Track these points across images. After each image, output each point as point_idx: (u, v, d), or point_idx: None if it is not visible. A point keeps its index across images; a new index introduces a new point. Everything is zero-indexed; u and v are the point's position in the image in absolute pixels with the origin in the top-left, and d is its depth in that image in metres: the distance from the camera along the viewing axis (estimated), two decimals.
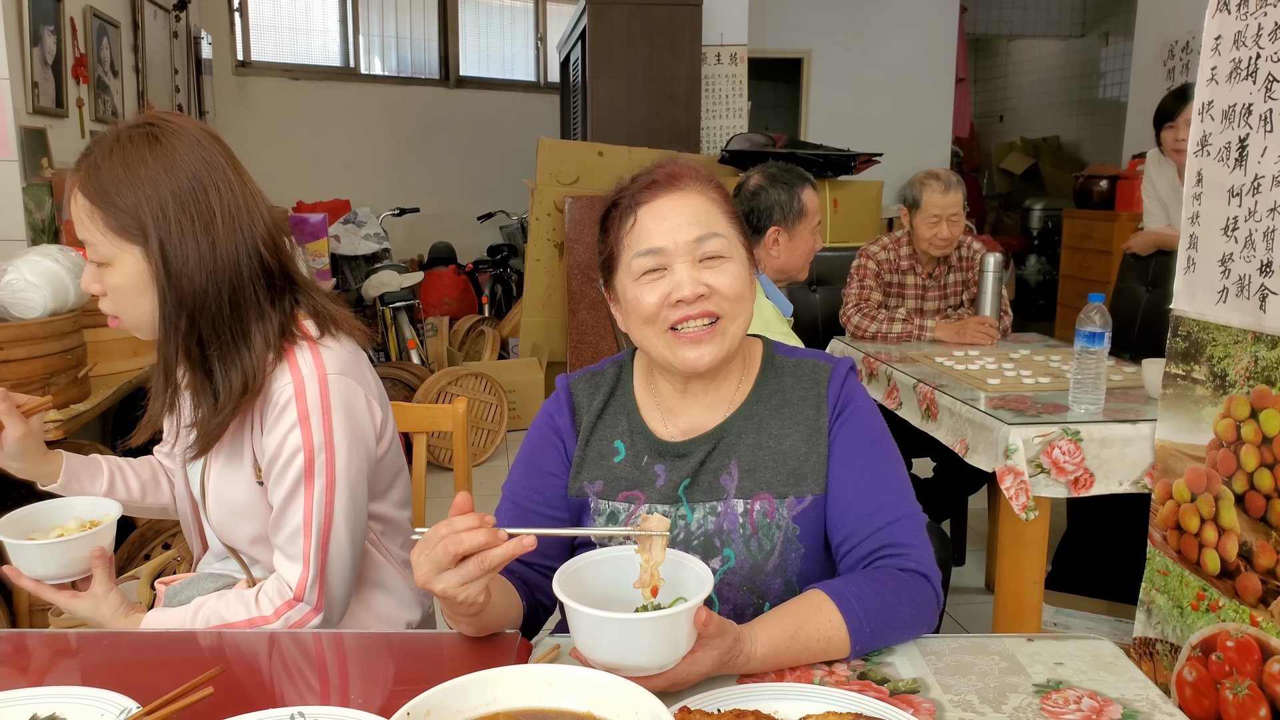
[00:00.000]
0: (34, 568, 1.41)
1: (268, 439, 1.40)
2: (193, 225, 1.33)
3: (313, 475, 1.39)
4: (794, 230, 2.62)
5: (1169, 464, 2.06)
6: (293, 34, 7.83)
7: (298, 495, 1.40)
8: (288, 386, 1.39)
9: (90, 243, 1.33)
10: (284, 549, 1.42)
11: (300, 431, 1.38)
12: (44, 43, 3.49)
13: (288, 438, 1.38)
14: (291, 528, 1.41)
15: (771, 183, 2.62)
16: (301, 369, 1.39)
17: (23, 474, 1.53)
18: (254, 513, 1.46)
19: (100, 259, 1.34)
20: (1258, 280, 1.80)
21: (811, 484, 1.30)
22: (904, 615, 1.19)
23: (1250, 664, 1.82)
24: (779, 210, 2.60)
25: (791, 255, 2.64)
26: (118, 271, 1.35)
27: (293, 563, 1.41)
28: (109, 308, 1.39)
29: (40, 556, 1.41)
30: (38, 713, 1.02)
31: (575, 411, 1.40)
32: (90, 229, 1.33)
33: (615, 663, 1.01)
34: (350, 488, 1.43)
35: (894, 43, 7.87)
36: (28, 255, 2.43)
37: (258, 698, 1.09)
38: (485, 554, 1.01)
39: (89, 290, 1.38)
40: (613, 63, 5.82)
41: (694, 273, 1.26)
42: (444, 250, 7.59)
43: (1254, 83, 1.81)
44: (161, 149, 1.33)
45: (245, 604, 1.41)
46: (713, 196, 1.31)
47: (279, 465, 1.40)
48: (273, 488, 1.41)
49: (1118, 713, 1.05)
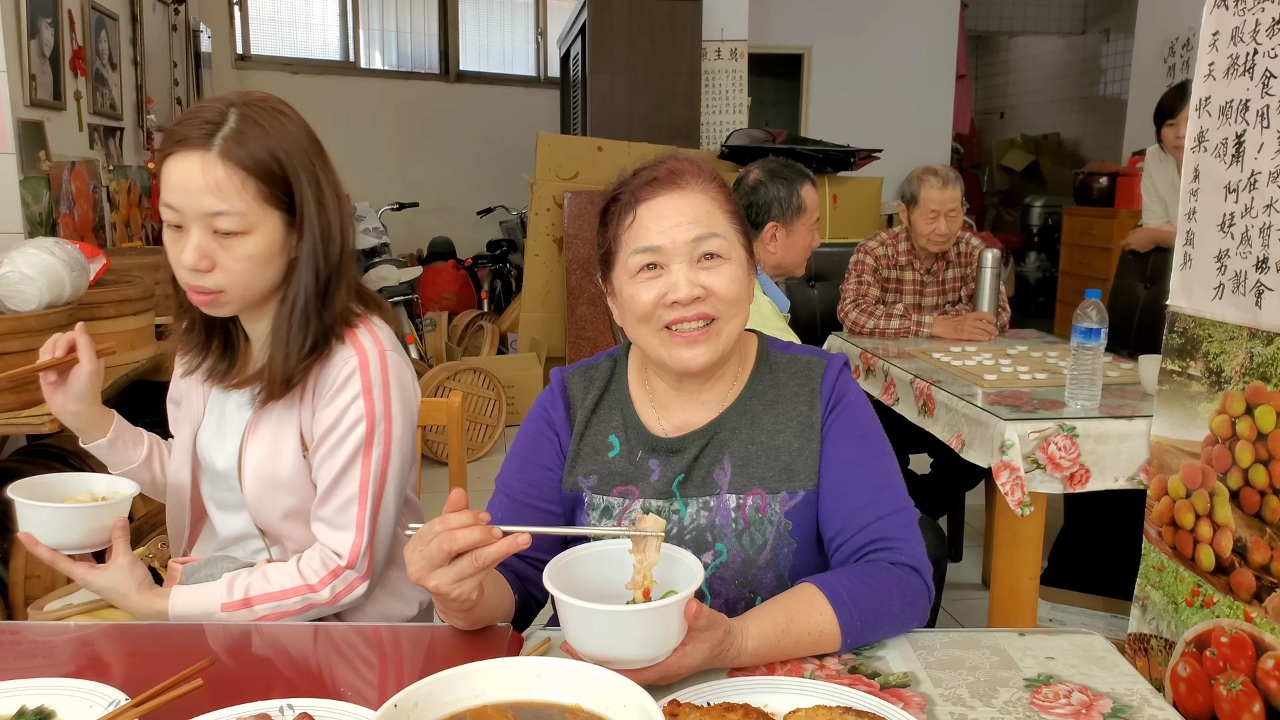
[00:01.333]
0: (53, 534, 1.33)
1: (325, 410, 1.44)
2: (322, 194, 1.41)
3: (372, 445, 1.44)
4: (792, 226, 2.61)
5: (1164, 460, 2.05)
6: (292, 28, 7.82)
7: (355, 465, 1.44)
8: (351, 359, 1.44)
9: (230, 213, 1.32)
10: (332, 520, 1.44)
11: (364, 402, 1.43)
12: (42, 35, 3.49)
13: (350, 408, 1.43)
14: (345, 497, 1.44)
15: (771, 178, 2.61)
16: (363, 343, 1.45)
17: (77, 421, 1.52)
18: (296, 486, 1.47)
19: (239, 228, 1.34)
20: (1254, 276, 1.79)
21: (804, 479, 1.30)
22: (895, 608, 1.19)
23: (1244, 660, 1.82)
24: (777, 206, 2.59)
25: (789, 251, 2.64)
26: (254, 240, 1.36)
27: (343, 531, 1.44)
28: (218, 281, 1.36)
29: (61, 522, 1.33)
30: (26, 704, 1.02)
31: (570, 405, 1.40)
32: (237, 198, 1.33)
33: (606, 655, 1.01)
34: (400, 460, 1.48)
35: (895, 39, 7.86)
36: (23, 248, 2.42)
37: (247, 690, 1.09)
38: (479, 552, 1.01)
39: (199, 266, 1.34)
40: (613, 58, 5.81)
41: (691, 274, 1.25)
42: (443, 245, 7.59)
43: (1251, 78, 1.81)
44: (289, 121, 1.39)
45: (288, 574, 1.41)
46: (714, 195, 1.30)
47: (336, 435, 1.43)
48: (326, 458, 1.44)
49: (1108, 707, 1.05)
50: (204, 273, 1.35)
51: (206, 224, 1.33)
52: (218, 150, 1.32)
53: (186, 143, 1.32)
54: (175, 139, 1.33)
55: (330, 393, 1.44)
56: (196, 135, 1.32)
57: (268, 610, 1.38)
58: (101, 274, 2.78)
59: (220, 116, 1.34)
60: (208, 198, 1.31)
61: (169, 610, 1.37)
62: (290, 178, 1.37)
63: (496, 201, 7.75)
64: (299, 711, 0.98)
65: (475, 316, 6.44)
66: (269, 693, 1.05)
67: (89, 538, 1.36)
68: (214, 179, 1.31)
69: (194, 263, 1.34)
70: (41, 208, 3.35)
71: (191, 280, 1.36)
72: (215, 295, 1.37)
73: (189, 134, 1.33)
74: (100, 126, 4.18)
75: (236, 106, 1.35)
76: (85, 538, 1.36)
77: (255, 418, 1.48)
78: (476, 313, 6.54)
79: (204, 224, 1.33)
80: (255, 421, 1.48)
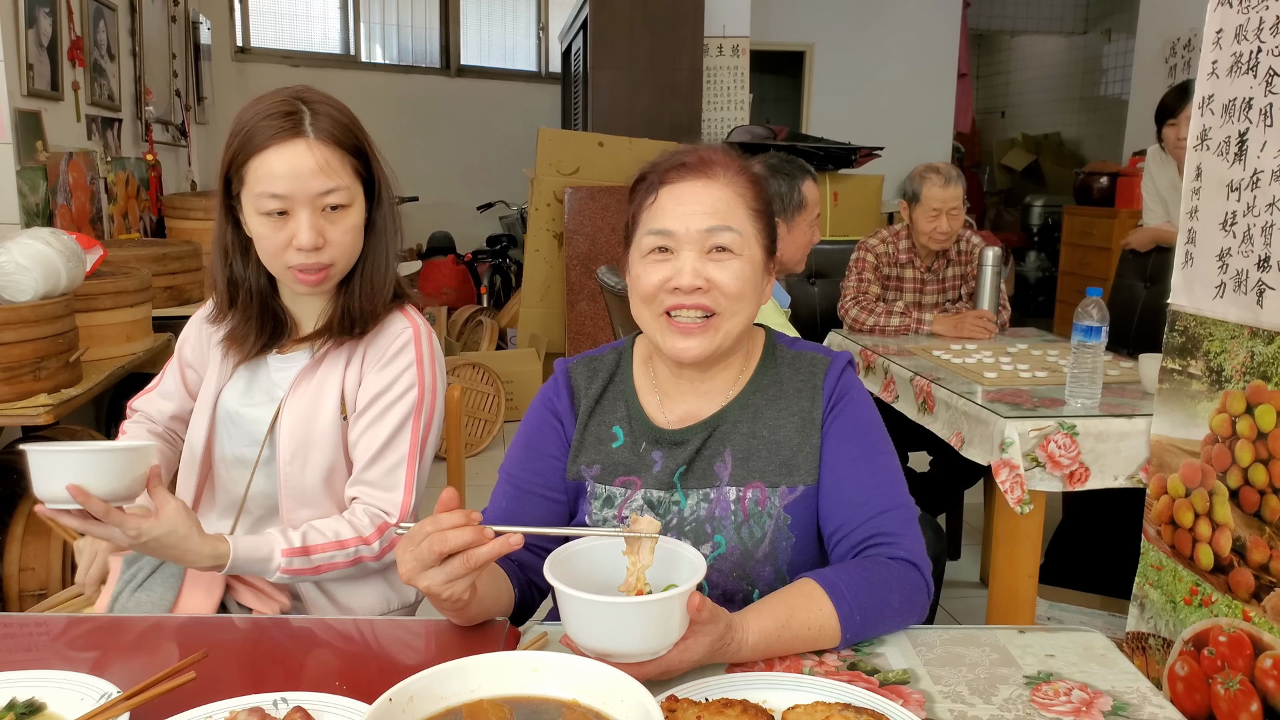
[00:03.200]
0: (102, 481, 1.24)
1: (378, 375, 1.53)
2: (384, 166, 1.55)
3: (421, 411, 1.54)
4: (793, 222, 2.60)
5: (1164, 459, 2.05)
6: (293, 20, 7.80)
7: (405, 429, 1.53)
8: (406, 330, 1.56)
9: (340, 188, 1.44)
10: (379, 482, 1.52)
11: (416, 370, 1.55)
12: (39, 25, 3.47)
13: (403, 375, 1.53)
14: (395, 459, 1.52)
15: (772, 173, 2.60)
16: (414, 318, 1.59)
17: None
18: (327, 445, 1.54)
19: (345, 201, 1.46)
20: (1255, 275, 1.79)
21: (803, 474, 1.30)
22: (894, 604, 1.19)
23: (1242, 659, 1.81)
24: (778, 201, 2.58)
25: (789, 247, 2.63)
26: (354, 212, 1.48)
27: (391, 492, 1.52)
28: (332, 256, 1.46)
29: (98, 467, 1.24)
30: (16, 696, 1.01)
31: (574, 395, 1.40)
32: (340, 174, 1.45)
33: (607, 649, 1.00)
34: (435, 430, 1.59)
35: (896, 37, 7.85)
36: (19, 238, 2.41)
37: (241, 683, 1.08)
38: (471, 553, 1.01)
39: (312, 244, 1.43)
40: (614, 53, 5.80)
41: (698, 263, 1.25)
42: (443, 240, 7.57)
43: (1254, 77, 1.80)
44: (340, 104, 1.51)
45: (341, 525, 1.47)
46: (740, 190, 1.30)
47: (387, 399, 1.53)
48: (374, 422, 1.52)
49: (1108, 704, 1.04)
50: (317, 251, 1.44)
51: (316, 204, 1.43)
52: (315, 135, 1.43)
53: (279, 135, 1.41)
54: (265, 135, 1.41)
55: (384, 359, 1.54)
56: (286, 127, 1.42)
57: (323, 560, 1.44)
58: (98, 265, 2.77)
59: (293, 107, 1.43)
60: (319, 178, 1.42)
61: (230, 552, 1.37)
62: (367, 151, 1.51)
63: (497, 196, 7.74)
64: (293, 705, 0.98)
65: (474, 312, 6.42)
66: (262, 686, 1.04)
67: (132, 486, 1.28)
68: (322, 159, 1.42)
69: (312, 242, 1.43)
70: (38, 198, 3.34)
71: (304, 260, 1.45)
72: (326, 270, 1.47)
73: (276, 127, 1.41)
74: (98, 117, 4.16)
75: (297, 98, 1.45)
76: (130, 485, 1.28)
77: (301, 376, 1.54)
78: (476, 308, 6.52)
79: (314, 205, 1.43)
80: (300, 380, 1.54)
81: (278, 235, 1.44)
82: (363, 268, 1.54)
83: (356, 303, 1.53)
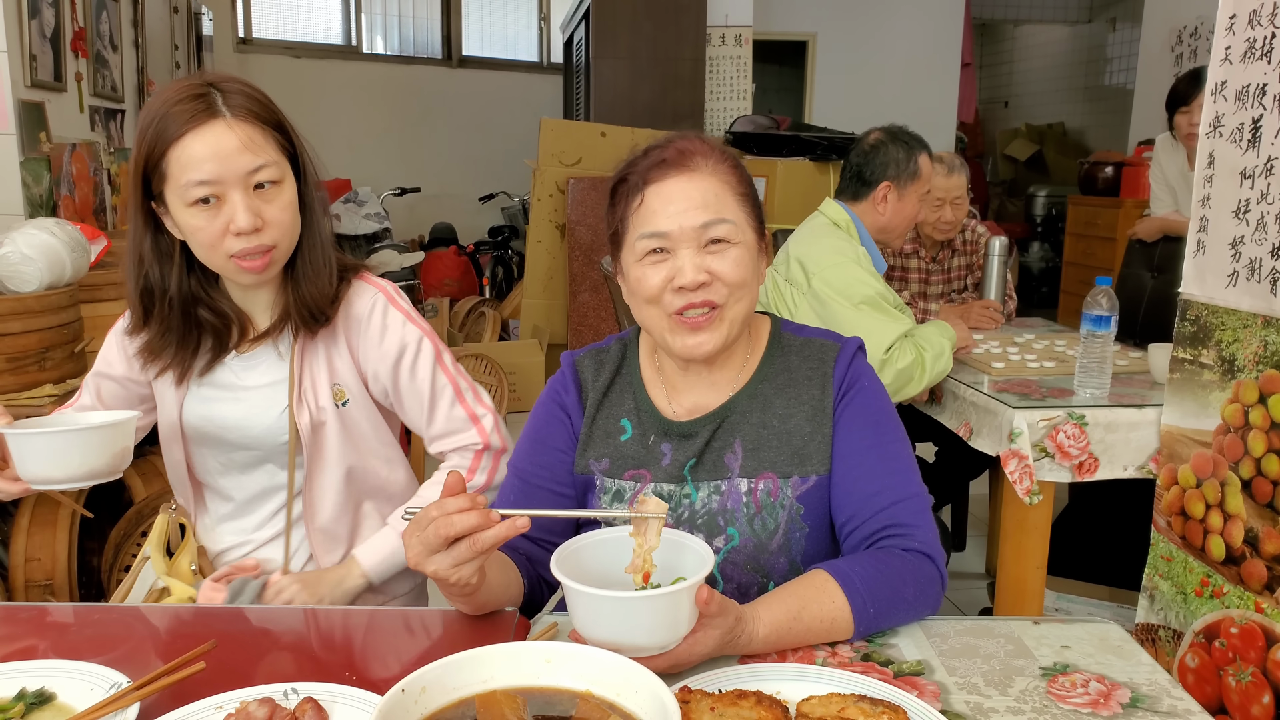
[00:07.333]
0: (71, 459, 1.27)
1: (377, 349, 1.52)
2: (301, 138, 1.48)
3: (440, 353, 1.56)
4: (904, 191, 2.66)
5: (1175, 449, 2.04)
6: (294, 11, 7.77)
7: (440, 374, 1.55)
8: (376, 295, 1.53)
9: (269, 163, 1.38)
10: (447, 428, 1.56)
11: (413, 325, 1.54)
12: (42, 15, 3.45)
13: (404, 333, 1.53)
14: (446, 403, 1.55)
15: (892, 139, 2.68)
16: (376, 281, 1.56)
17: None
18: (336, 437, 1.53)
19: (276, 177, 1.39)
20: (1269, 264, 1.77)
21: (816, 464, 1.29)
22: (908, 596, 1.18)
23: (1254, 651, 1.80)
24: (895, 167, 2.65)
25: (896, 216, 2.68)
26: (287, 188, 1.42)
27: (465, 430, 1.56)
28: (273, 237, 1.40)
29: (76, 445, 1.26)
30: (26, 687, 1.00)
31: (581, 388, 1.38)
32: (265, 149, 1.38)
33: (615, 643, 0.99)
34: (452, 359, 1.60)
35: (899, 26, 7.81)
36: (24, 228, 2.40)
37: (250, 673, 1.07)
38: (477, 536, 1.00)
39: (251, 226, 1.36)
40: (616, 43, 5.78)
41: (697, 259, 1.24)
42: (445, 231, 7.56)
43: (1269, 62, 1.78)
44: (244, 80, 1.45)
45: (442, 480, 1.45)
46: (725, 177, 1.28)
47: (407, 360, 1.53)
48: (409, 384, 1.54)
49: (1125, 696, 1.03)
50: (257, 233, 1.37)
51: (246, 184, 1.36)
52: (231, 113, 1.36)
53: (195, 118, 1.34)
54: (179, 122, 1.34)
55: (374, 334, 1.52)
56: (200, 109, 1.34)
57: None
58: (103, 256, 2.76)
59: (202, 90, 1.37)
60: (245, 156, 1.35)
61: (364, 571, 1.49)
62: (287, 126, 1.44)
63: (499, 187, 7.72)
64: (303, 695, 0.97)
65: (477, 303, 6.41)
66: (273, 676, 1.03)
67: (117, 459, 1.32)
68: (245, 136, 1.35)
69: (250, 223, 1.36)
70: (42, 189, 3.33)
71: (244, 245, 1.37)
72: (269, 253, 1.40)
73: (189, 111, 1.34)
74: (101, 108, 4.14)
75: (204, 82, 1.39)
76: (114, 459, 1.31)
77: (300, 367, 1.51)
78: (478, 299, 6.51)
79: (245, 185, 1.36)
80: (300, 371, 1.51)
81: (212, 225, 1.36)
82: (304, 250, 1.47)
83: (307, 289, 1.47)
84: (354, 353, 1.53)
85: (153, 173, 1.37)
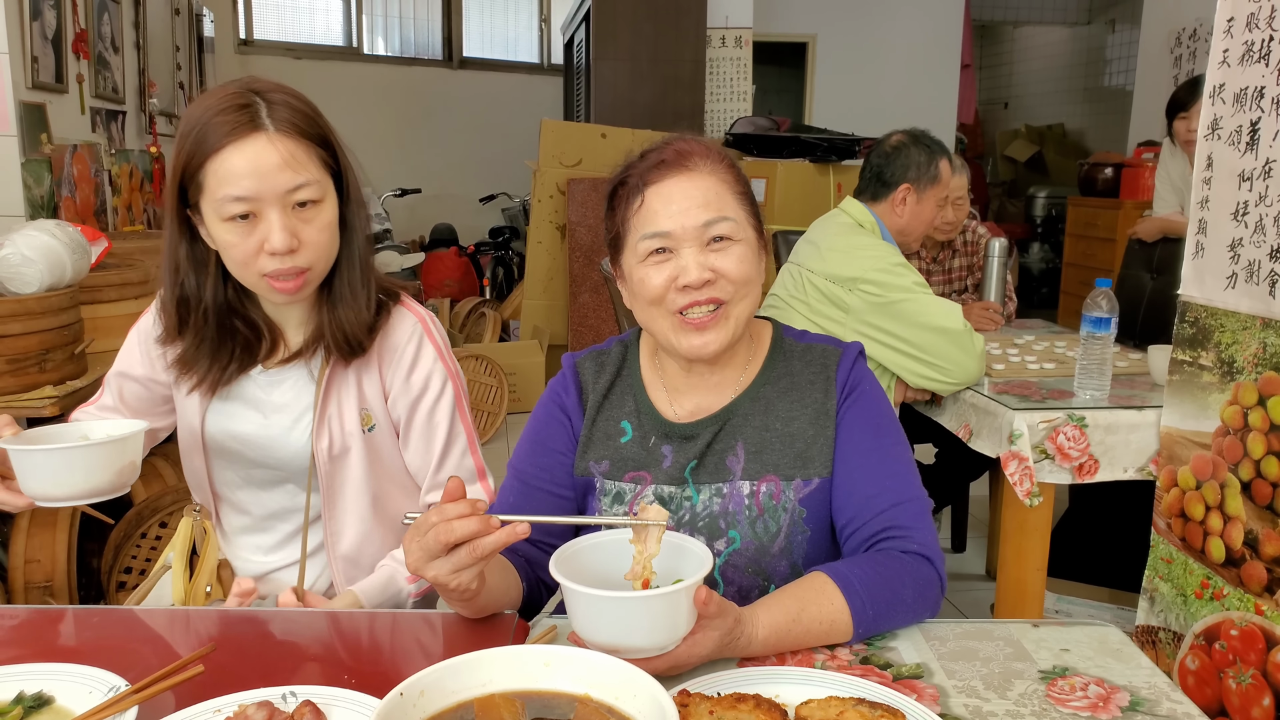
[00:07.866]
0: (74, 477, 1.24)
1: (407, 383, 1.49)
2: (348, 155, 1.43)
3: (461, 399, 1.53)
4: (924, 193, 2.66)
5: (1174, 451, 2.04)
6: (295, 13, 7.78)
7: (456, 421, 1.52)
8: (416, 326, 1.50)
9: (309, 182, 1.33)
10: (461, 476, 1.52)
11: (443, 364, 1.51)
12: (44, 17, 3.46)
13: (433, 374, 1.50)
14: (459, 450, 1.53)
15: (914, 141, 2.68)
16: (416, 309, 1.51)
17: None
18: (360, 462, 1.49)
19: (316, 196, 1.34)
20: (1268, 266, 1.77)
21: (818, 467, 1.29)
22: (907, 598, 1.18)
23: (1254, 653, 1.80)
24: (915, 169, 2.65)
25: (914, 219, 2.68)
26: (328, 208, 1.36)
27: (473, 483, 1.54)
28: (309, 259, 1.35)
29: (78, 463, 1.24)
30: (24, 689, 1.00)
31: (582, 390, 1.38)
32: (307, 167, 1.33)
33: (614, 644, 0.99)
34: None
35: (899, 28, 7.81)
36: (24, 230, 2.40)
37: (249, 676, 1.07)
38: (477, 542, 1.00)
39: (287, 247, 1.30)
40: (617, 44, 5.78)
41: (700, 257, 1.24)
42: (445, 232, 7.56)
43: (1267, 65, 1.78)
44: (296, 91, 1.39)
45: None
46: (723, 176, 1.28)
47: (428, 402, 1.50)
48: (426, 427, 1.51)
49: (1125, 700, 1.03)
50: (292, 254, 1.32)
51: (285, 202, 1.31)
52: (275, 127, 1.31)
53: (236, 131, 1.29)
54: (220, 133, 1.29)
55: (405, 365, 1.48)
56: (242, 121, 1.29)
57: None
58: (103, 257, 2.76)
59: (247, 100, 1.31)
60: (285, 173, 1.30)
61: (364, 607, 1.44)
62: (333, 140, 1.39)
63: (499, 188, 7.73)
64: (302, 699, 0.97)
65: (477, 304, 6.41)
66: (271, 679, 1.03)
67: (122, 476, 1.28)
68: (286, 152, 1.30)
69: (285, 244, 1.30)
70: (43, 191, 3.33)
71: (279, 265, 1.32)
72: (303, 275, 1.35)
73: (231, 123, 1.29)
74: (102, 110, 4.15)
75: (249, 89, 1.33)
76: (118, 476, 1.27)
77: (328, 391, 1.47)
78: (478, 300, 6.51)
79: (283, 203, 1.31)
80: (327, 396, 1.47)
81: (247, 242, 1.31)
82: (343, 273, 1.42)
83: (343, 313, 1.42)
84: (384, 380, 1.49)
85: (189, 183, 1.33)
